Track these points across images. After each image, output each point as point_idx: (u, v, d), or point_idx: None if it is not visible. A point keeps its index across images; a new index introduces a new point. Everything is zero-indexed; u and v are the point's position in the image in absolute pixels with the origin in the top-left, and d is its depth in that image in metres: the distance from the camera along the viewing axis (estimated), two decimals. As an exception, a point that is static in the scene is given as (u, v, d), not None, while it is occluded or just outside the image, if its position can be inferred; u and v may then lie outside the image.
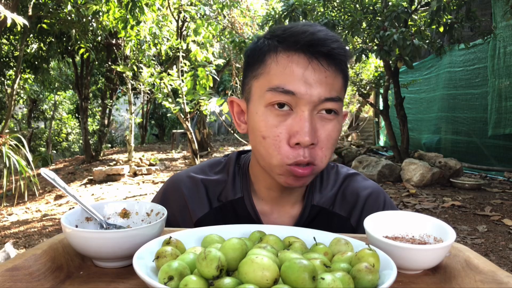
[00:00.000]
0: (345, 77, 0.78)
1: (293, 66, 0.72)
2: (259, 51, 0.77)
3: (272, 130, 0.73)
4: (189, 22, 6.51)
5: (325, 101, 0.72)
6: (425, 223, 0.67)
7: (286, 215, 0.87)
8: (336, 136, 0.76)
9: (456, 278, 0.57)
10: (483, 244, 3.14)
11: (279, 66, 0.73)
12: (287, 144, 0.72)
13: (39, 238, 4.01)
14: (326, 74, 0.72)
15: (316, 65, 0.72)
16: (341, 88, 0.76)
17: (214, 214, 0.87)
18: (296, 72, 0.72)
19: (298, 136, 0.70)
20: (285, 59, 0.73)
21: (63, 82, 11.14)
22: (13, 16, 3.49)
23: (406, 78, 7.75)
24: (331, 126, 0.74)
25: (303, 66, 0.72)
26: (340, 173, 0.92)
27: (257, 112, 0.75)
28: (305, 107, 0.71)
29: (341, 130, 0.78)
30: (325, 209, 0.87)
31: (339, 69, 0.75)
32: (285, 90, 0.71)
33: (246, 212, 0.86)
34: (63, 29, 6.58)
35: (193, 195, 0.88)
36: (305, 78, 0.71)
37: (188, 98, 5.97)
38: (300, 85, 0.71)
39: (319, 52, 0.72)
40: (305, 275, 0.44)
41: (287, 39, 0.74)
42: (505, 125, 5.29)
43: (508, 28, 5.19)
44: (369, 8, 5.26)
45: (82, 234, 0.58)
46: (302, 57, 0.72)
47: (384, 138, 9.13)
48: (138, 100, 12.31)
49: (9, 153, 5.14)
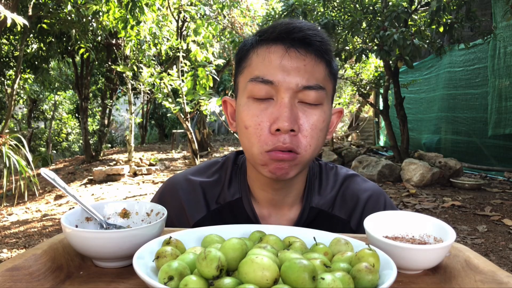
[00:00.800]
0: (330, 67, 0.77)
1: (271, 55, 0.74)
2: (244, 48, 0.80)
3: (253, 119, 0.74)
4: (189, 22, 6.51)
5: (304, 89, 0.72)
6: (425, 223, 0.67)
7: (284, 218, 0.86)
8: (322, 126, 0.75)
9: (456, 278, 0.57)
10: (483, 244, 3.14)
11: (259, 57, 0.75)
12: (268, 132, 0.73)
13: (39, 238, 4.01)
14: (305, 62, 0.73)
15: (293, 53, 0.73)
16: (324, 78, 0.75)
17: (212, 217, 0.86)
18: (274, 61, 0.73)
19: (278, 122, 0.71)
20: (264, 50, 0.75)
21: (63, 82, 11.14)
22: (13, 16, 3.49)
23: (406, 78, 7.75)
24: (315, 115, 0.74)
25: (280, 54, 0.73)
26: (340, 174, 0.91)
27: (241, 104, 0.77)
28: (285, 95, 0.72)
29: (328, 120, 0.77)
30: (324, 212, 0.86)
31: (320, 57, 0.74)
32: (264, 79, 0.73)
33: (244, 213, 0.85)
34: (63, 29, 6.58)
35: (190, 199, 0.88)
36: (282, 66, 0.72)
37: (188, 98, 5.97)
38: (278, 73, 0.72)
39: (295, 39, 0.73)
40: (305, 275, 0.44)
41: (266, 31, 0.76)
42: (505, 125, 5.29)
43: (508, 28, 5.19)
44: (369, 8, 5.26)
45: (82, 234, 0.58)
46: (280, 46, 0.74)
47: (384, 138, 9.13)
48: (138, 100, 12.32)
49: (9, 153, 5.14)
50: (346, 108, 10.76)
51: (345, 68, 8.38)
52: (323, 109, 0.75)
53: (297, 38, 0.73)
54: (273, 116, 0.72)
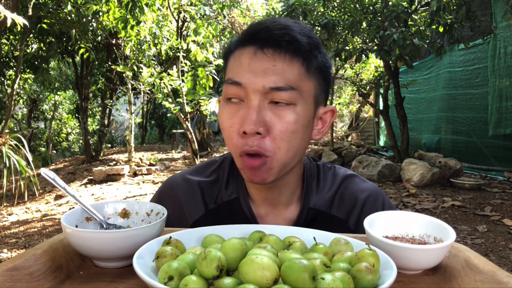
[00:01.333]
0: (308, 65, 0.74)
1: (242, 57, 0.74)
2: (225, 52, 0.81)
3: (227, 121, 0.74)
4: (189, 22, 6.51)
5: (272, 90, 0.71)
6: (425, 223, 0.67)
7: (281, 218, 0.86)
8: (294, 128, 0.72)
9: (456, 278, 0.57)
10: (483, 244, 3.14)
11: (234, 60, 0.76)
12: (238, 135, 0.73)
13: (39, 238, 4.01)
14: (275, 63, 0.71)
15: (261, 54, 0.72)
16: (298, 78, 0.73)
17: (210, 216, 0.87)
18: (244, 63, 0.73)
19: (244, 124, 0.71)
20: (238, 52, 0.76)
21: (63, 82, 11.14)
22: (13, 16, 3.49)
23: (406, 78, 7.75)
24: (285, 116, 0.72)
25: (249, 56, 0.73)
26: (338, 174, 0.91)
27: (220, 106, 0.78)
28: (253, 96, 0.71)
29: (304, 122, 0.74)
30: (322, 212, 0.85)
31: (293, 57, 0.72)
32: (233, 81, 0.73)
33: (242, 212, 0.85)
34: (63, 29, 6.58)
35: (188, 198, 0.88)
36: (250, 68, 0.72)
37: (188, 98, 5.97)
38: (245, 74, 0.72)
39: (262, 40, 0.72)
40: (305, 275, 0.44)
41: (243, 33, 0.77)
42: (505, 125, 5.29)
43: (508, 28, 5.19)
44: (369, 8, 5.26)
45: (82, 234, 0.58)
46: (250, 48, 0.73)
47: (384, 138, 9.13)
48: (138, 100, 12.31)
49: (9, 153, 5.14)
50: (346, 108, 10.76)
51: (345, 68, 8.38)
52: (296, 110, 0.72)
53: (265, 39, 0.72)
54: (242, 119, 0.72)
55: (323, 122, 0.82)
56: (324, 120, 0.82)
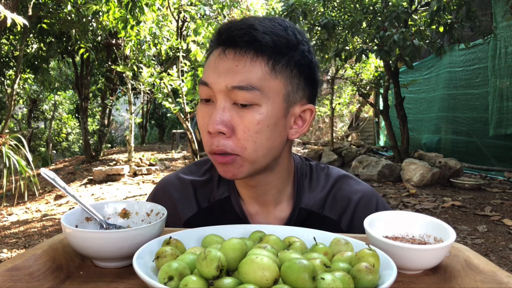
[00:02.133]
0: (275, 64, 0.73)
1: (211, 58, 0.76)
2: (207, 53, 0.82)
3: (200, 120, 0.76)
4: (189, 22, 6.51)
5: (234, 89, 0.71)
6: (425, 223, 0.67)
7: (272, 216, 0.86)
8: (258, 129, 0.72)
9: (456, 278, 0.57)
10: (483, 244, 3.14)
11: (207, 60, 0.78)
12: (207, 134, 0.74)
13: (39, 238, 4.01)
14: (238, 63, 0.72)
15: (223, 55, 0.73)
16: (262, 77, 0.72)
17: (203, 215, 0.88)
18: (211, 64, 0.75)
19: (208, 125, 0.72)
20: (211, 54, 0.77)
21: (63, 82, 11.14)
22: (13, 16, 3.49)
23: (406, 78, 7.75)
24: (247, 117, 0.72)
25: (215, 57, 0.74)
26: (331, 175, 0.90)
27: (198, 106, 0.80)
28: (218, 97, 0.72)
29: (269, 123, 0.73)
30: (314, 212, 0.85)
31: (255, 57, 0.72)
32: (202, 81, 0.75)
33: (233, 211, 0.86)
34: (63, 29, 6.58)
35: (181, 196, 0.90)
36: (215, 68, 0.73)
37: (188, 98, 5.97)
38: (212, 75, 0.73)
39: (225, 40, 0.74)
40: (305, 275, 0.44)
41: (213, 34, 0.79)
42: (506, 125, 5.29)
43: (508, 28, 5.19)
44: (369, 8, 5.26)
45: (82, 234, 0.58)
46: (218, 49, 0.75)
47: (384, 138, 9.13)
48: (138, 100, 12.31)
49: (9, 153, 5.14)
50: (346, 108, 10.76)
51: (345, 68, 8.38)
52: (260, 110, 0.72)
53: (227, 39, 0.73)
54: (210, 119, 0.73)
55: (303, 120, 0.80)
56: (304, 119, 0.80)
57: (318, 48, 5.48)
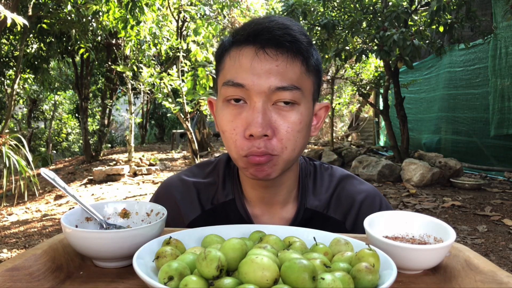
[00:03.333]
0: (307, 64, 0.74)
1: (241, 58, 0.73)
2: (219, 51, 0.79)
3: (228, 124, 0.74)
4: (189, 22, 6.51)
5: (277, 90, 0.70)
6: (425, 223, 0.67)
7: (277, 217, 0.86)
8: (300, 127, 0.73)
9: (456, 278, 0.57)
10: (483, 244, 3.14)
11: (231, 60, 0.74)
12: (242, 137, 0.72)
13: (39, 238, 4.01)
14: (277, 63, 0.71)
15: (262, 55, 0.71)
16: (300, 77, 0.73)
17: (206, 217, 0.87)
18: (244, 64, 0.72)
19: (250, 127, 0.70)
20: (236, 52, 0.74)
21: (63, 82, 11.14)
22: (13, 16, 3.49)
23: (406, 78, 7.75)
24: (290, 117, 0.72)
25: (250, 57, 0.72)
26: (335, 175, 0.91)
27: (218, 107, 0.77)
28: (257, 98, 0.71)
29: (307, 120, 0.75)
30: (319, 213, 0.85)
31: (294, 56, 0.72)
32: (235, 83, 0.72)
33: (238, 214, 0.86)
34: (63, 29, 6.58)
35: (184, 199, 0.89)
36: (253, 69, 0.71)
37: (188, 98, 5.97)
38: (249, 76, 0.71)
39: (264, 40, 0.71)
40: (305, 275, 0.44)
41: (238, 32, 0.75)
42: (508, 126, 5.29)
43: (509, 28, 5.19)
44: (369, 8, 5.26)
45: (82, 234, 0.58)
46: (250, 48, 0.72)
47: (384, 138, 9.13)
48: (138, 100, 12.31)
49: (9, 153, 5.14)
50: (346, 108, 10.76)
51: (345, 68, 8.38)
52: (300, 109, 0.73)
53: (266, 39, 0.71)
54: (247, 121, 0.71)
55: (318, 117, 0.83)
56: (319, 116, 0.83)
57: (318, 48, 5.48)
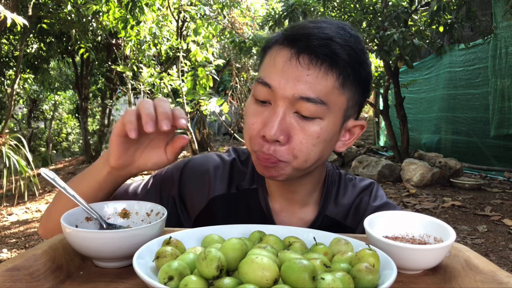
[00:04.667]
0: (345, 80, 0.70)
1: (277, 59, 0.71)
2: (265, 45, 0.78)
3: (250, 118, 0.73)
4: (189, 22, 6.51)
5: (301, 100, 0.68)
6: (425, 223, 0.67)
7: (295, 215, 0.86)
8: (316, 142, 0.70)
9: (456, 278, 0.57)
10: (483, 244, 3.14)
11: (270, 58, 0.73)
12: (257, 134, 0.72)
13: (39, 238, 4.01)
14: (309, 73, 0.68)
15: (295, 61, 0.69)
16: (331, 91, 0.69)
17: (228, 199, 0.87)
18: (278, 66, 0.70)
19: (265, 129, 0.69)
20: (275, 51, 0.73)
21: (63, 82, 11.14)
22: (13, 16, 3.49)
23: (406, 78, 7.75)
24: (308, 129, 0.70)
25: (284, 60, 0.70)
26: (357, 186, 0.90)
27: (249, 99, 0.77)
28: (281, 102, 0.69)
29: (327, 136, 0.71)
30: (338, 222, 0.85)
31: (329, 70, 0.69)
32: (264, 81, 0.71)
33: (258, 204, 0.86)
34: (63, 29, 6.58)
35: (217, 173, 0.89)
36: (283, 72, 0.69)
37: (188, 98, 5.97)
38: (278, 78, 0.70)
39: (300, 47, 0.69)
40: (305, 275, 0.44)
41: (284, 32, 0.74)
42: (508, 126, 5.29)
43: (509, 28, 5.19)
44: (369, 8, 5.26)
45: (82, 234, 0.58)
46: (287, 51, 0.70)
47: (384, 138, 9.12)
48: (138, 100, 12.30)
49: (9, 153, 5.14)
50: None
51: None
52: (321, 124, 0.70)
53: (302, 47, 0.69)
54: (265, 121, 0.70)
55: (351, 134, 0.80)
56: (352, 133, 0.80)
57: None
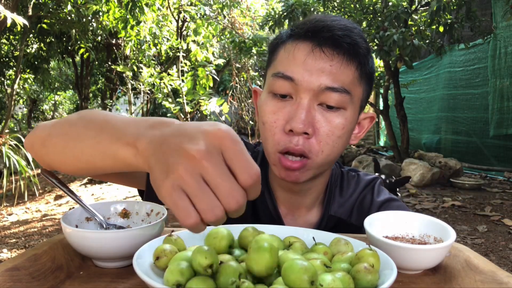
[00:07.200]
0: (361, 70, 0.72)
1: (296, 52, 0.71)
2: (275, 41, 0.78)
3: (270, 116, 0.72)
4: (189, 22, 6.51)
5: (326, 90, 0.69)
6: (425, 223, 0.67)
7: (301, 219, 0.85)
8: (341, 133, 0.71)
9: (456, 278, 0.57)
10: (483, 244, 3.14)
11: (286, 52, 0.73)
12: (282, 131, 0.71)
13: (39, 238, 4.01)
14: (332, 63, 0.69)
15: (318, 52, 0.69)
16: (352, 81, 0.71)
17: None
18: (298, 59, 0.70)
19: (291, 122, 0.69)
20: (291, 46, 0.73)
21: (63, 82, 11.14)
22: (13, 16, 3.49)
23: (406, 78, 7.75)
24: (334, 120, 0.70)
25: (305, 52, 0.70)
26: (360, 182, 0.90)
27: (262, 98, 0.75)
28: (304, 95, 0.69)
29: (350, 127, 0.73)
30: (343, 220, 0.85)
31: (350, 59, 0.70)
32: (285, 75, 0.70)
33: (266, 207, 0.84)
34: (63, 29, 6.59)
35: None
36: (306, 65, 0.69)
37: (188, 98, 5.97)
38: (300, 71, 0.70)
39: (322, 38, 0.70)
40: (304, 277, 0.44)
41: (298, 27, 0.74)
42: (507, 125, 5.29)
43: (508, 28, 5.19)
44: (369, 8, 5.26)
45: (82, 234, 0.58)
46: (307, 44, 0.71)
47: (384, 138, 9.12)
48: (138, 100, 12.29)
49: (9, 153, 5.14)
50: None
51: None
52: (345, 115, 0.71)
53: (325, 37, 0.70)
54: (289, 116, 0.70)
55: (361, 127, 0.81)
56: (362, 126, 0.81)
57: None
